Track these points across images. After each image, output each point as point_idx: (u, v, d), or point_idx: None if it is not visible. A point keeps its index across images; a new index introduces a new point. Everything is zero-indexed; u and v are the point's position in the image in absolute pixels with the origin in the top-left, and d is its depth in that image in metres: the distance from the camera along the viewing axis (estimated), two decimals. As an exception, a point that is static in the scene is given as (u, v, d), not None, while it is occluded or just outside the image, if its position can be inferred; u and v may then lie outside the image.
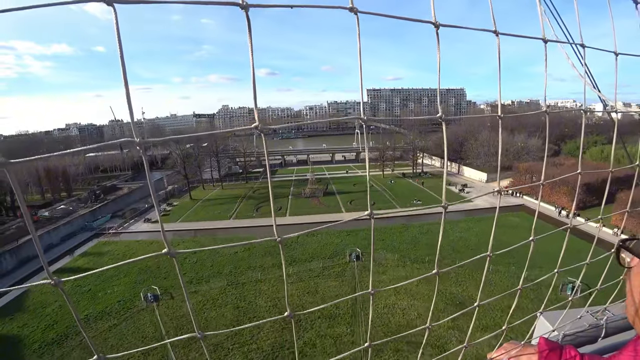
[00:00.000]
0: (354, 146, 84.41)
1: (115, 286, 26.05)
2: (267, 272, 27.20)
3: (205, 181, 60.25)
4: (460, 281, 24.66)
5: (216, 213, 43.45)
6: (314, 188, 49.18)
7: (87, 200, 46.54)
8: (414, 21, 0.95)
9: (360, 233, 33.87)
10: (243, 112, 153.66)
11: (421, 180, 56.22)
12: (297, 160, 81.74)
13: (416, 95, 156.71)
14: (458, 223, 35.59)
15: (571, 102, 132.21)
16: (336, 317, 21.49)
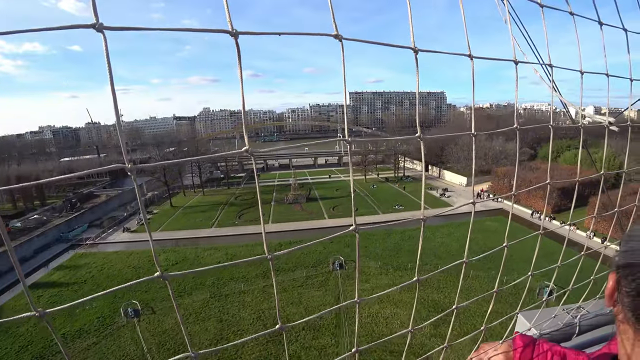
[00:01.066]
0: (337, 150, 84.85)
1: (94, 301, 25.30)
2: (250, 283, 27.04)
3: (186, 187, 59.22)
4: (442, 288, 25.25)
5: (198, 221, 42.80)
6: (296, 194, 49.16)
7: (62, 209, 44.89)
8: (395, 47, 0.99)
9: (343, 240, 34.00)
10: (224, 114, 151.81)
11: (402, 184, 57.05)
12: (280, 164, 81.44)
13: (398, 98, 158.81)
14: (439, 228, 36.32)
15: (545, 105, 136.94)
16: (320, 328, 21.60)
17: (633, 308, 0.69)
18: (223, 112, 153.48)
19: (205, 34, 0.58)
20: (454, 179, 57.99)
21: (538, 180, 40.13)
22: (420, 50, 0.99)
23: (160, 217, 44.96)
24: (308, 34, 0.83)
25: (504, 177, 47.82)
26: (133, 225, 41.84)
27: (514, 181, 1.56)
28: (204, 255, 32.43)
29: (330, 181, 63.08)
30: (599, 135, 1.88)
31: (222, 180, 67.05)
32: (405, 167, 66.94)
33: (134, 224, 42.11)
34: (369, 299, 1.26)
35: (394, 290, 1.09)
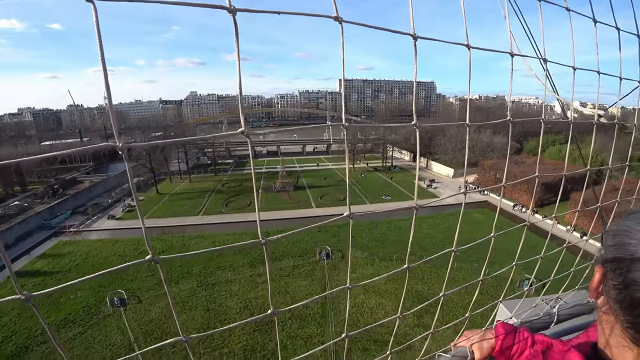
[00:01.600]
0: (325, 138, 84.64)
1: (79, 290, 25.07)
2: (237, 272, 27.20)
3: (173, 173, 58.32)
4: (426, 279, 25.92)
5: (184, 208, 42.47)
6: (284, 182, 49.11)
7: (44, 195, 43.80)
8: (395, 32, 0.96)
9: (330, 229, 34.37)
10: (212, 99, 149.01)
11: (390, 174, 57.52)
12: (267, 151, 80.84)
13: (387, 86, 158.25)
14: (426, 219, 36.93)
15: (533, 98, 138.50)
16: (306, 318, 21.98)
17: (619, 300, 0.73)
18: (210, 97, 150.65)
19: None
20: (441, 170, 58.69)
21: (524, 174, 40.95)
22: (420, 37, 0.98)
23: (146, 204, 44.37)
24: (308, 14, 0.82)
25: (490, 170, 48.62)
26: (118, 212, 41.27)
27: (504, 173, 1.62)
28: (190, 244, 32.34)
29: (318, 169, 63.12)
30: (583, 131, 1.91)
31: (209, 166, 66.29)
32: (393, 157, 67.39)
33: (118, 211, 41.51)
34: (360, 285, 1.33)
35: (385, 277, 1.15)
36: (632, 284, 0.69)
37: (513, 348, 1.39)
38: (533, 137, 64.31)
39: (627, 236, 0.72)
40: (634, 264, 0.69)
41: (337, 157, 73.28)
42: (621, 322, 0.74)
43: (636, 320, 0.70)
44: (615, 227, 0.78)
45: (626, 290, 0.70)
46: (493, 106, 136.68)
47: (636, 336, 0.71)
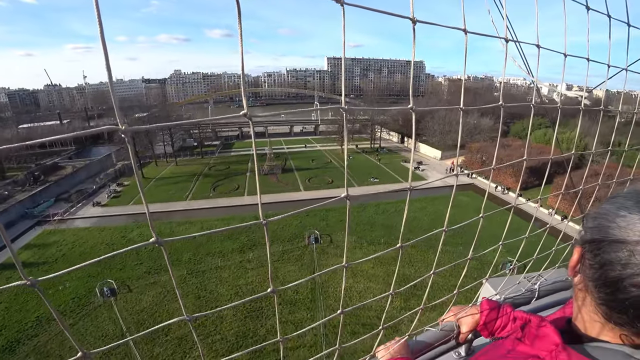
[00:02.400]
0: (313, 118, 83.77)
1: (68, 281, 24.91)
2: (227, 259, 27.39)
3: (158, 157, 57.19)
4: (413, 262, 26.61)
5: (171, 193, 41.96)
6: (272, 165, 48.80)
7: (25, 182, 42.57)
8: (394, 15, 0.95)
9: (319, 213, 34.66)
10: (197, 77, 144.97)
11: (378, 156, 57.69)
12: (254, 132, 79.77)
13: (376, 65, 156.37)
14: (413, 202, 37.35)
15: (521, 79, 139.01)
16: (296, 303, 22.46)
17: (595, 279, 0.79)
18: (195, 75, 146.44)
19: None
20: (428, 152, 59.08)
21: (510, 158, 41.61)
22: (419, 21, 0.98)
23: (131, 190, 43.73)
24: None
25: (477, 153, 49.18)
26: (103, 198, 40.58)
27: (494, 157, 1.67)
28: (179, 230, 32.24)
29: (306, 151, 62.89)
30: (568, 115, 2.00)
31: (195, 148, 65.16)
32: (381, 138, 67.36)
33: (104, 198, 40.83)
34: (355, 263, 1.37)
35: (379, 255, 1.22)
36: (606, 264, 0.75)
37: (496, 323, 1.50)
38: (519, 120, 64.93)
39: (606, 219, 0.78)
40: (610, 246, 0.75)
41: (324, 137, 72.82)
42: (595, 298, 0.80)
43: (608, 297, 0.76)
44: (596, 211, 0.83)
45: (601, 269, 0.76)
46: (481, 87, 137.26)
47: (607, 312, 0.78)
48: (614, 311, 0.76)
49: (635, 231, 0.72)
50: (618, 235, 0.74)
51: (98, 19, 0.58)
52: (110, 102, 73.68)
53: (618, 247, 0.73)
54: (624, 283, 0.72)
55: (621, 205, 0.78)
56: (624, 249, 0.72)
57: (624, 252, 0.72)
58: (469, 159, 50.86)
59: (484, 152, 47.96)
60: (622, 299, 0.73)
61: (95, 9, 0.57)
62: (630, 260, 0.71)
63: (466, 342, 1.65)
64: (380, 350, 1.56)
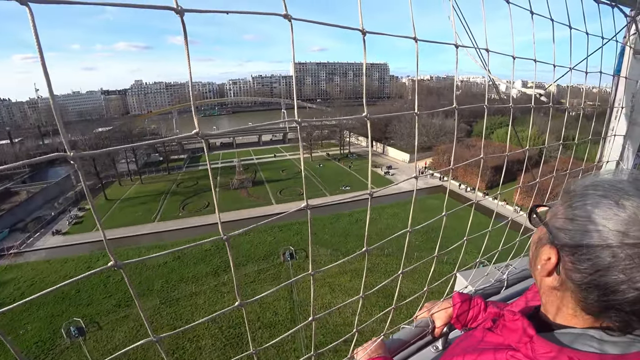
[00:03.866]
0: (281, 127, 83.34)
1: (29, 324, 23.24)
2: (201, 283, 26.64)
3: (122, 175, 54.70)
4: (389, 272, 27.02)
5: (138, 215, 40.23)
6: (242, 178, 47.97)
7: (-26, 212, 39.51)
8: (344, 28, 1.00)
9: (292, 227, 34.54)
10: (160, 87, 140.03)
11: (347, 162, 58.23)
12: (221, 143, 78.12)
13: (342, 69, 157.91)
14: (385, 209, 38.12)
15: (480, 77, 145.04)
16: (276, 325, 22.22)
17: (583, 283, 0.77)
18: (158, 85, 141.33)
19: None
20: (397, 155, 60.42)
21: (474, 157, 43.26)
22: (368, 32, 1.01)
23: (95, 214, 41.58)
24: (257, 12, 0.84)
25: (444, 154, 50.85)
26: (64, 226, 38.29)
27: (452, 157, 1.79)
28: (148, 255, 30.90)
29: (276, 161, 62.36)
30: (525, 111, 2.15)
31: (161, 163, 62.76)
32: (350, 144, 68.10)
33: (64, 225, 38.53)
34: (322, 271, 1.37)
35: (346, 260, 1.24)
36: (601, 270, 0.73)
37: (469, 314, 1.55)
38: (482, 119, 67.55)
39: (591, 222, 0.75)
40: (604, 250, 0.72)
41: (294, 145, 72.73)
42: (579, 299, 0.80)
43: (600, 299, 0.75)
44: (573, 212, 0.80)
45: (594, 274, 0.74)
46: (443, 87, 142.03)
47: (594, 311, 0.78)
48: (604, 310, 0.76)
49: (631, 232, 0.70)
50: (612, 239, 0.71)
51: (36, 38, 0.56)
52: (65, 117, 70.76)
53: (614, 251, 0.71)
54: (622, 286, 0.71)
55: (602, 204, 0.76)
56: (621, 253, 0.70)
57: (621, 256, 0.70)
58: (436, 161, 52.49)
59: (451, 152, 49.68)
60: (619, 300, 0.72)
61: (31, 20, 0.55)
62: (630, 264, 0.69)
63: (442, 336, 1.69)
64: (358, 351, 1.57)
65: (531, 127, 2.44)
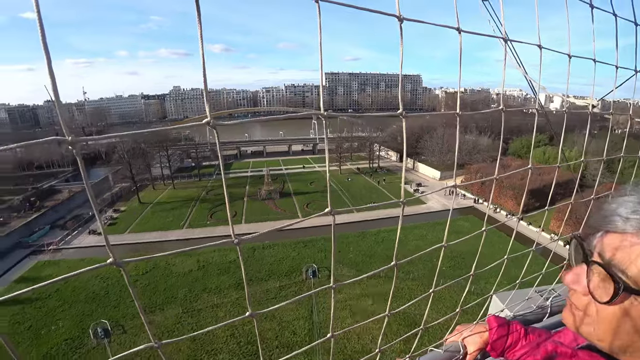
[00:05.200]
0: (311, 136, 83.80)
1: (60, 320, 24.46)
2: (223, 296, 26.87)
3: (156, 179, 56.80)
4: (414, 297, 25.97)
5: (168, 221, 41.53)
6: (269, 189, 48.38)
7: (21, 208, 42.17)
8: (378, 13, 0.91)
9: (317, 243, 34.31)
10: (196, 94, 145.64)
11: (377, 178, 57.38)
12: (252, 152, 79.68)
13: (374, 80, 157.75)
14: (413, 230, 37.05)
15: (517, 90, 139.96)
16: (294, 346, 21.91)
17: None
18: (194, 91, 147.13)
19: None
20: (427, 172, 58.97)
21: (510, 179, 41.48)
22: (406, 19, 0.92)
23: (128, 216, 43.32)
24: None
25: (476, 173, 49.04)
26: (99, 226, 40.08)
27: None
28: (175, 262, 31.66)
29: (304, 172, 62.48)
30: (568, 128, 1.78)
31: (193, 169, 64.59)
32: (380, 158, 67.18)
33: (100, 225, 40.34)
34: (344, 284, 1.28)
35: (372, 275, 1.11)
36: None
37: (507, 341, 1.39)
38: (518, 136, 64.75)
39: None
40: None
41: (323, 157, 72.83)
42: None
43: None
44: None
45: None
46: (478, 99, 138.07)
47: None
48: None
49: None
50: None
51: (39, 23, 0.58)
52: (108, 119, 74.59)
53: None
54: None
55: None
56: None
57: None
58: (467, 180, 50.64)
59: (484, 172, 47.80)
60: None
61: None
62: None
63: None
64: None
65: (587, 135, 2.08)
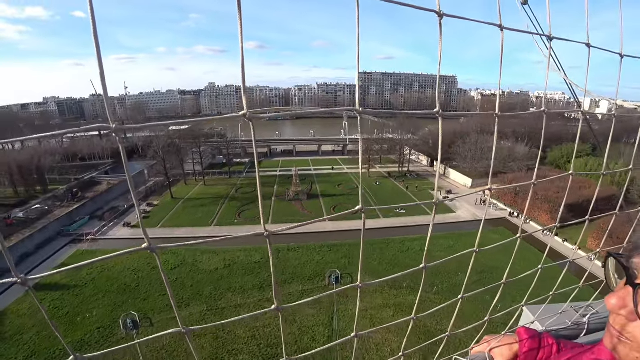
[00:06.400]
0: (342, 137, 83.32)
1: (95, 308, 25.85)
2: (247, 296, 27.38)
3: (188, 174, 58.65)
4: (435, 315, 25.24)
5: (197, 217, 42.78)
6: (297, 190, 48.63)
7: (64, 198, 44.90)
8: (418, 8, 0.89)
9: (342, 249, 34.16)
10: (230, 90, 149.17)
11: (406, 183, 56.21)
12: (283, 150, 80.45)
13: (407, 80, 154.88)
14: (440, 240, 36.09)
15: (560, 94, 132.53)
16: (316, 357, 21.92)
17: None
18: (229, 88, 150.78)
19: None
20: (458, 179, 57.12)
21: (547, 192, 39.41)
22: (446, 15, 0.91)
23: (160, 210, 45.01)
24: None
25: (510, 184, 46.89)
26: (133, 219, 42.00)
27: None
28: (202, 260, 32.59)
29: (332, 173, 62.26)
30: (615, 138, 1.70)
31: (224, 166, 65.95)
32: (410, 162, 65.74)
33: (134, 218, 42.25)
34: (370, 284, 1.28)
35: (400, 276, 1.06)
36: None
37: (538, 354, 1.31)
38: (557, 145, 61.31)
39: None
40: None
41: (353, 158, 72.21)
42: None
43: None
44: None
45: None
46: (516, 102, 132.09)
47: None
48: None
49: None
50: None
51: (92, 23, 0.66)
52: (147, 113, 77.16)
53: None
54: None
55: None
56: None
57: None
58: (501, 191, 48.55)
59: (518, 182, 45.59)
60: None
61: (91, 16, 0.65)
62: None
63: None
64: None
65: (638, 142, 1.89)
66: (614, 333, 0.77)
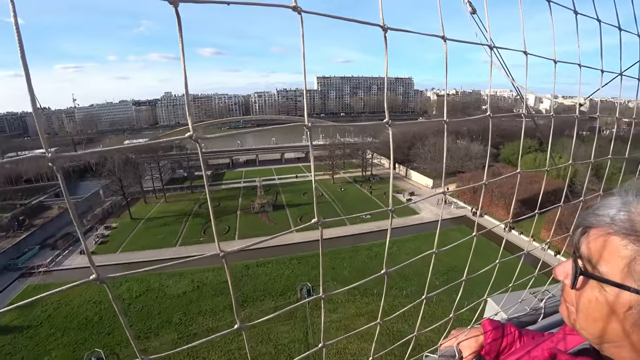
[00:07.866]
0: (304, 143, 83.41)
1: (53, 350, 24.10)
2: (218, 319, 26.79)
3: (147, 192, 55.91)
4: (406, 317, 26.21)
5: (160, 238, 40.93)
6: (262, 203, 48.08)
7: (10, 227, 41.35)
8: (362, 23, 0.93)
9: (311, 260, 34.29)
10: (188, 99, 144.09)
11: (370, 188, 57.28)
12: (245, 160, 79.16)
13: (366, 83, 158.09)
14: (405, 243, 37.22)
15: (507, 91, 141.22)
16: (290, 374, 21.93)
17: None
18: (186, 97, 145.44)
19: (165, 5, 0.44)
20: (420, 180, 59.26)
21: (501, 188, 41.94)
22: (390, 28, 0.95)
23: (119, 234, 42.66)
24: (261, 4, 0.78)
25: (468, 182, 49.38)
26: (90, 244, 39.51)
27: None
28: (169, 284, 31.35)
29: (297, 182, 62.17)
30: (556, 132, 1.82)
31: (185, 180, 63.64)
32: (372, 164, 67.10)
33: (91, 243, 39.74)
34: (333, 294, 1.31)
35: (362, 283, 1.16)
36: None
37: (502, 343, 1.41)
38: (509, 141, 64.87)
39: None
40: None
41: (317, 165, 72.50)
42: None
43: None
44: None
45: None
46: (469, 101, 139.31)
47: None
48: None
49: None
50: None
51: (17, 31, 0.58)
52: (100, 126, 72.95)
53: None
54: None
55: None
56: None
57: None
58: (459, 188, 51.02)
59: (475, 180, 48.16)
60: None
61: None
62: None
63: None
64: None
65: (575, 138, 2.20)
66: (563, 301, 0.88)
